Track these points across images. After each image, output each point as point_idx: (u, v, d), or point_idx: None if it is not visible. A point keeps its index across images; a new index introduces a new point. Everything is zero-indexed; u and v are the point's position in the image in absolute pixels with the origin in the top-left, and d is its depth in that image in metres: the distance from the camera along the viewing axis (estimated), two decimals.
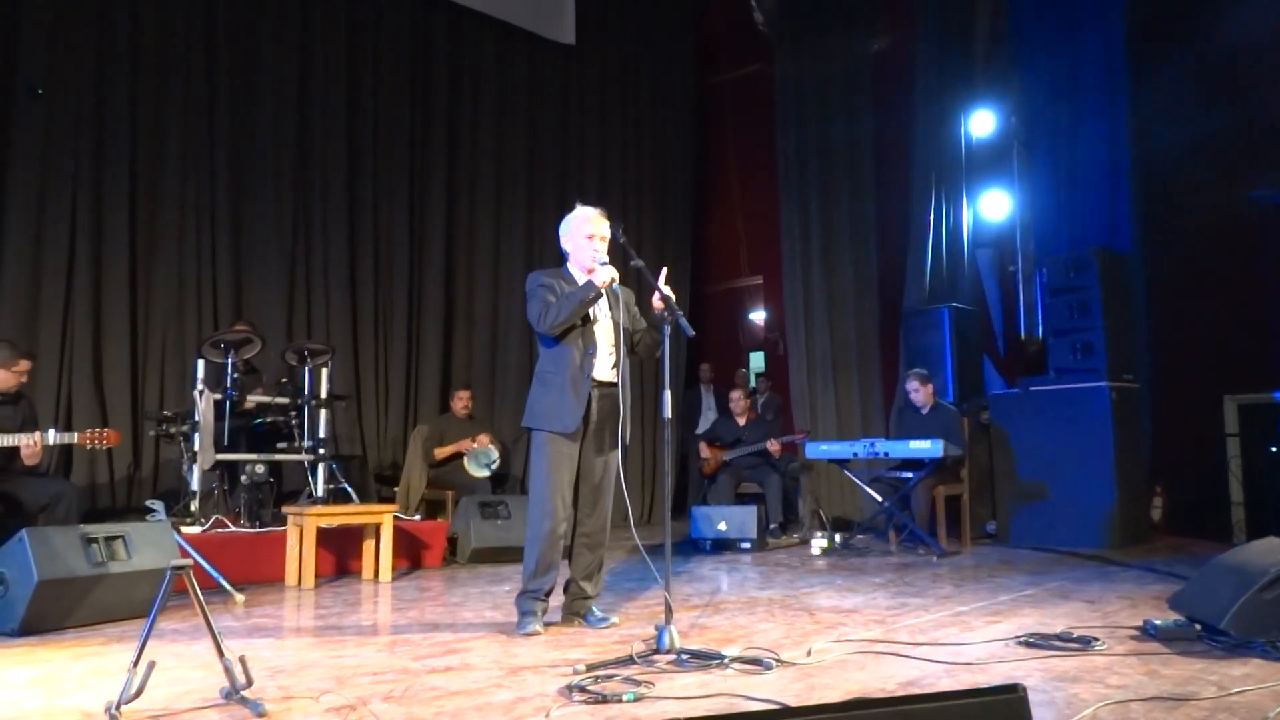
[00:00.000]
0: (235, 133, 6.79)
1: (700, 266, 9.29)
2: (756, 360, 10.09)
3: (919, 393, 6.06)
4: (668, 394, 3.02)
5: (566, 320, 3.18)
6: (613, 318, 3.30)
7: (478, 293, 7.82)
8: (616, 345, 3.29)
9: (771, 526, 6.56)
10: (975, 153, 7.84)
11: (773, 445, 6.70)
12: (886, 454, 5.62)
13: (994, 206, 7.75)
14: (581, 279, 3.31)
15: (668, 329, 3.10)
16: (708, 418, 8.09)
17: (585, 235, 3.30)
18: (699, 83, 9.41)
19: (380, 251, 7.43)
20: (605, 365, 3.29)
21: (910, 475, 5.77)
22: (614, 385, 3.28)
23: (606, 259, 3.31)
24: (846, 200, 7.76)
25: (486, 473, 6.25)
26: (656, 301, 3.13)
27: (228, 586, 4.14)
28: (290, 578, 4.61)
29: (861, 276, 7.63)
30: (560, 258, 3.46)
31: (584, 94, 8.54)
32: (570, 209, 3.42)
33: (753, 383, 9.28)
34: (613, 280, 3.23)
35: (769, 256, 8.70)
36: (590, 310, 3.26)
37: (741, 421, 7.04)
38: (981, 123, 7.82)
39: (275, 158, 6.99)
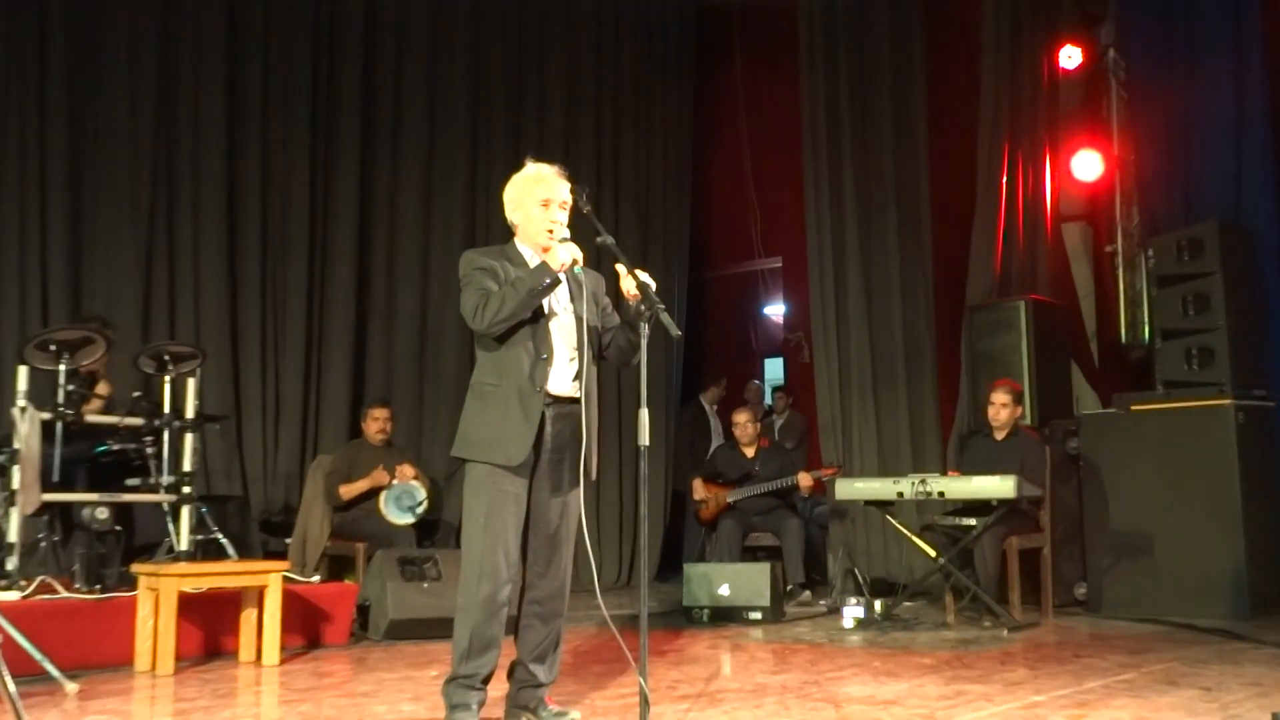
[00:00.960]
0: (73, 60, 6.76)
1: (699, 245, 9.32)
2: (773, 369, 10.13)
3: (1006, 411, 6.14)
4: (645, 413, 3.05)
5: (512, 314, 3.18)
6: (575, 312, 3.31)
7: (401, 279, 7.85)
8: (580, 348, 3.29)
9: (790, 589, 6.59)
10: (1062, 98, 7.91)
11: (804, 479, 6.75)
12: (943, 494, 5.67)
13: (1086, 168, 7.82)
14: (533, 259, 3.32)
15: (646, 327, 3.13)
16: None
17: (539, 201, 3.32)
18: (700, 6, 9.46)
19: (270, 223, 7.43)
20: (564, 375, 3.29)
21: (975, 523, 5.80)
22: (575, 401, 3.28)
23: (567, 233, 3.31)
24: (891, 160, 7.74)
25: (410, 519, 6.27)
26: (629, 289, 3.18)
27: (55, 673, 4.10)
28: (142, 660, 4.58)
29: (911, 260, 7.65)
30: (507, 232, 3.47)
31: (546, 17, 8.58)
32: (521, 167, 3.44)
33: (768, 399, 9.32)
34: (575, 262, 3.23)
35: (790, 233, 8.71)
36: (545, 302, 3.26)
37: (750, 451, 7.08)
38: (1070, 58, 7.89)
39: (129, 95, 6.97)
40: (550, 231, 3.29)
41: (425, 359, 7.87)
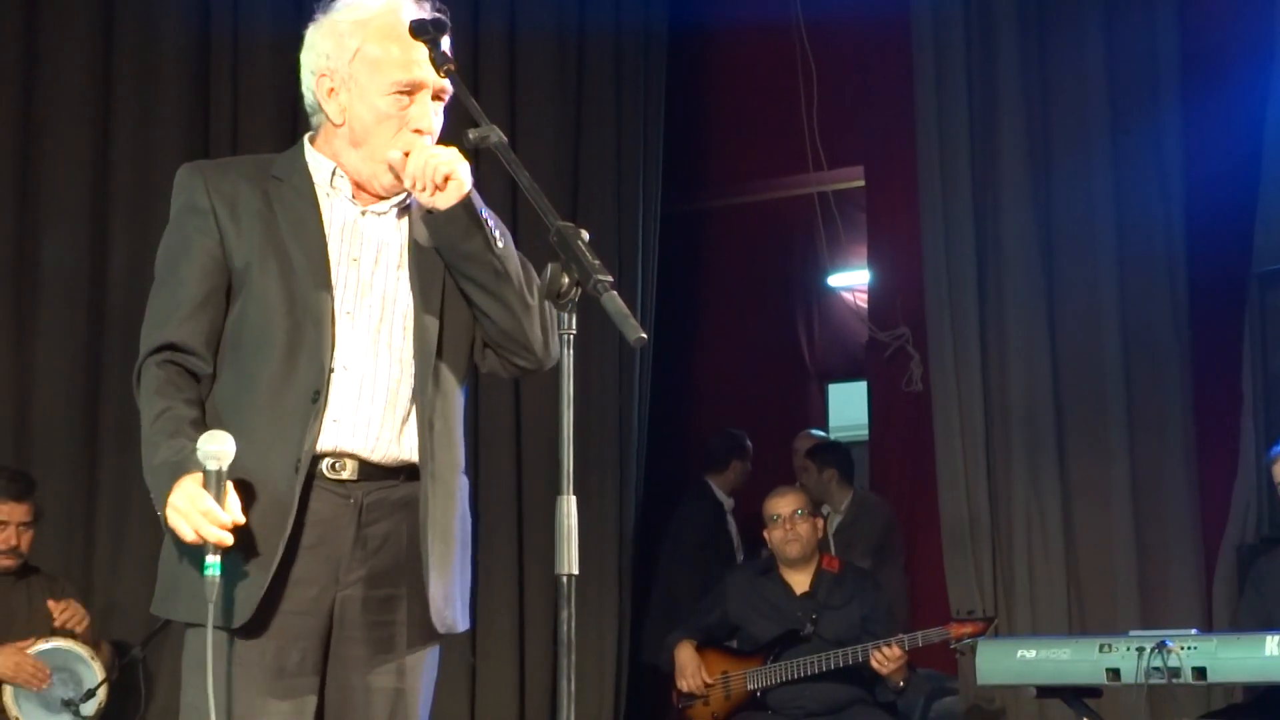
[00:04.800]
0: None
1: (692, 149, 6.04)
2: (847, 404, 7.36)
3: None
4: (569, 505, 1.81)
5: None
6: (415, 290, 2.04)
7: (53, 222, 4.65)
8: (422, 358, 2.05)
9: None
10: None
11: (887, 657, 4.22)
12: (1204, 674, 3.88)
13: None
14: (345, 206, 2.06)
15: (570, 319, 1.85)
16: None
17: (395, 85, 1.98)
18: None
19: None
20: (382, 421, 2.03)
21: None
22: (396, 479, 2.04)
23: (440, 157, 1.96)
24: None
25: None
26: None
27: None
28: None
29: (1141, 171, 4.93)
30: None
31: None
32: None
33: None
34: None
35: (879, 126, 5.85)
36: (337, 250, 2.01)
37: (801, 580, 4.51)
38: None
39: None
40: (404, 164, 1.96)
41: (102, 391, 4.63)
